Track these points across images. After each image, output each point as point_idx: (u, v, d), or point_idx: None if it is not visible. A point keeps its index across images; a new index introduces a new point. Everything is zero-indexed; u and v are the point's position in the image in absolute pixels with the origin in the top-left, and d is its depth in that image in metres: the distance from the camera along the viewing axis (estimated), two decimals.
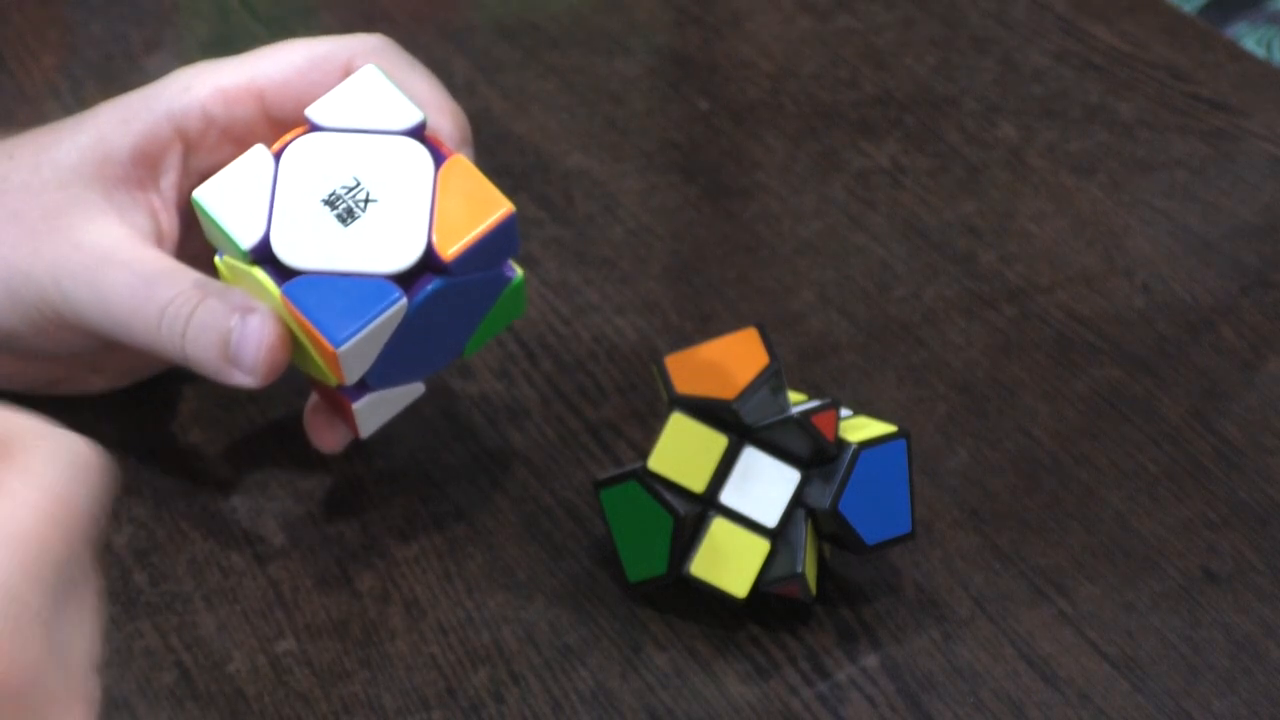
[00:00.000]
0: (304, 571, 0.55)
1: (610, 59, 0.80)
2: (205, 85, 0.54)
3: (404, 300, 0.49)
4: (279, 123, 0.54)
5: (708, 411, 0.52)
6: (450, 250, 0.49)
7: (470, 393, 0.61)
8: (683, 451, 0.52)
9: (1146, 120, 0.77)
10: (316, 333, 0.49)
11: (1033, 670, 0.52)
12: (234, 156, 0.54)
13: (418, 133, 0.51)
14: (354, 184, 0.50)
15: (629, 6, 0.84)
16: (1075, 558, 0.56)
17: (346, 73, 0.54)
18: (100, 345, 0.54)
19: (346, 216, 0.50)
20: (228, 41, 0.80)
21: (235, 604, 0.54)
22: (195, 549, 0.55)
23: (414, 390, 0.53)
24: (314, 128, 0.51)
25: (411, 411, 0.55)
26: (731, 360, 0.51)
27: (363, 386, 0.51)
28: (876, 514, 0.52)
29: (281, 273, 0.50)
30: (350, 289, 0.49)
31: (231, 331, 0.51)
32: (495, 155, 0.73)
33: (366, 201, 0.50)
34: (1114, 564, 0.56)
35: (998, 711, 0.51)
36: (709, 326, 0.64)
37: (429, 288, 0.50)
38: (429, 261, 0.50)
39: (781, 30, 0.83)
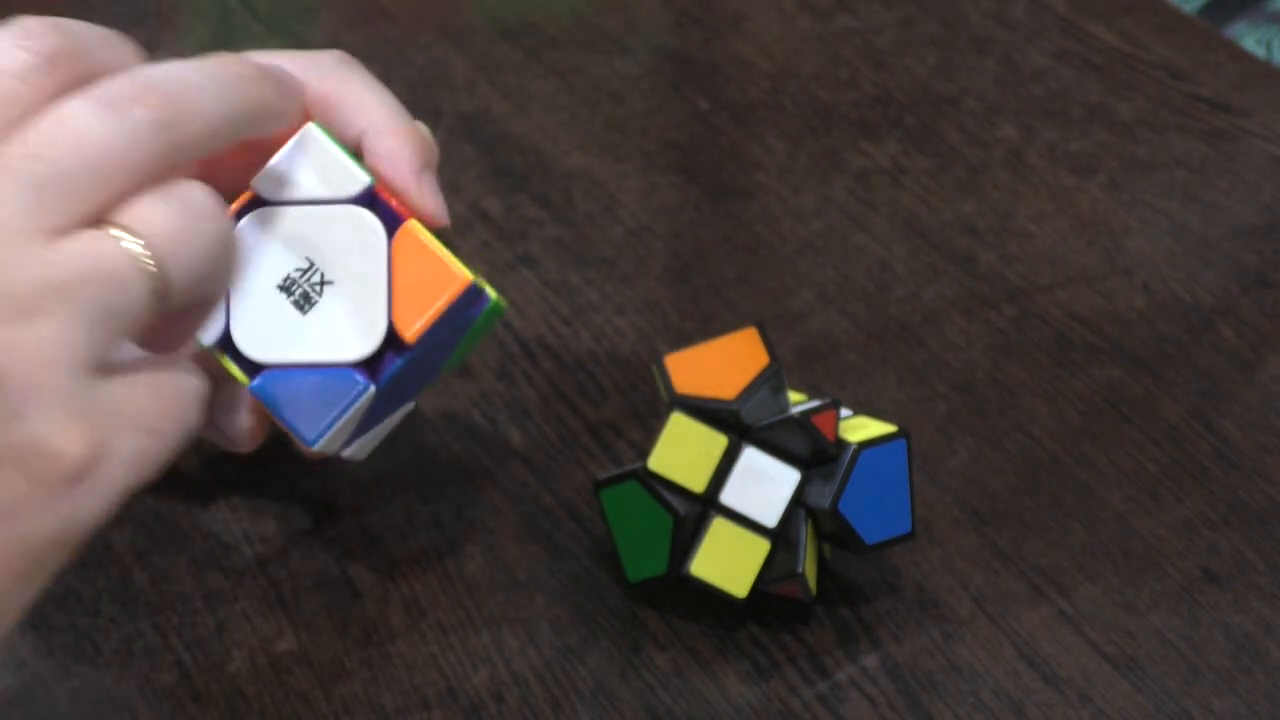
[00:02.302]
0: (304, 571, 0.55)
1: (610, 59, 0.80)
2: None
3: (372, 389, 0.49)
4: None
5: (708, 411, 0.52)
6: (411, 331, 0.49)
7: (470, 393, 0.61)
8: (683, 451, 0.52)
9: (1146, 120, 0.77)
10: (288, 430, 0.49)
11: (1033, 670, 0.52)
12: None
13: (366, 198, 0.50)
14: (308, 265, 0.49)
15: (629, 6, 0.84)
16: (1075, 558, 0.56)
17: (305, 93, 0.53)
18: None
19: (304, 303, 0.49)
20: (228, 42, 0.80)
21: (235, 604, 0.54)
22: (195, 549, 0.55)
23: (402, 411, 0.53)
24: (259, 199, 0.50)
25: (411, 411, 0.55)
26: (731, 360, 0.51)
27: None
28: (876, 514, 0.52)
29: (246, 362, 0.50)
30: (317, 383, 0.49)
31: (218, 419, 0.53)
32: (495, 155, 0.73)
33: (322, 284, 0.49)
34: (1114, 564, 0.56)
35: (998, 711, 0.51)
36: (709, 326, 0.64)
37: (394, 366, 0.49)
38: (391, 339, 0.49)
39: (781, 30, 0.83)
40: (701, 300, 0.66)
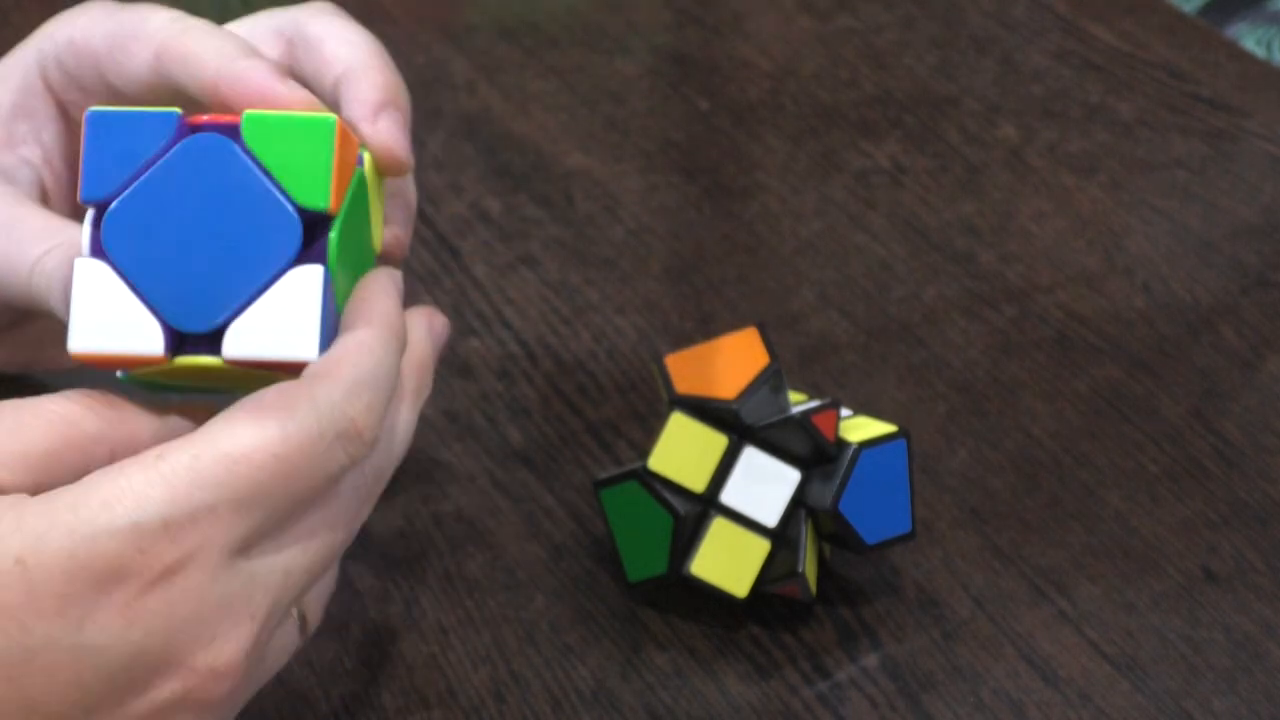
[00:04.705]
0: None
1: (610, 59, 0.80)
2: (61, 34, 0.52)
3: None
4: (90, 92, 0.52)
5: (708, 411, 0.52)
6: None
7: (470, 393, 0.61)
8: (683, 451, 0.52)
9: (1146, 120, 0.77)
10: None
11: (1033, 670, 0.52)
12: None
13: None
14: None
15: (629, 6, 0.84)
16: (1075, 558, 0.56)
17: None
18: None
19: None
20: None
21: None
22: None
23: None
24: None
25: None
26: (731, 360, 0.51)
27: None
28: (876, 514, 0.52)
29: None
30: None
31: None
32: (495, 155, 0.73)
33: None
34: (1114, 564, 0.56)
35: (998, 711, 0.51)
36: (709, 326, 0.65)
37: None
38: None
39: (781, 30, 0.83)
40: (701, 300, 0.66)
